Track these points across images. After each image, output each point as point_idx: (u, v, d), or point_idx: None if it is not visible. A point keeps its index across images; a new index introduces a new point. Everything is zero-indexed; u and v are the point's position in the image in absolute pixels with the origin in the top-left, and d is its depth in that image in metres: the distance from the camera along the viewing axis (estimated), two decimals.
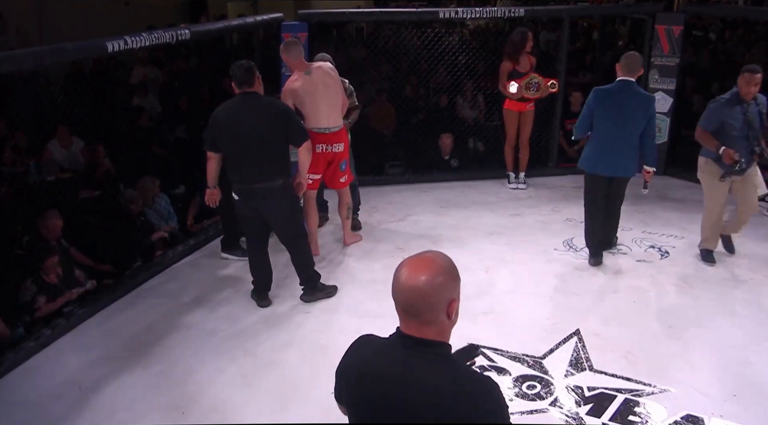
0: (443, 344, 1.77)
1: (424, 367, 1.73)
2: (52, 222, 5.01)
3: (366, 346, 1.94)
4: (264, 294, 4.75)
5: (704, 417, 3.59)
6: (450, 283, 1.76)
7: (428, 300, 1.72)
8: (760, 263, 5.34)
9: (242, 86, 4.33)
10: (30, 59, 4.03)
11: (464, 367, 1.82)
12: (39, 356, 4.18)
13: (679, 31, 7.04)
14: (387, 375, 1.77)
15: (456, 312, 1.78)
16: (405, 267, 1.79)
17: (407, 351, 1.76)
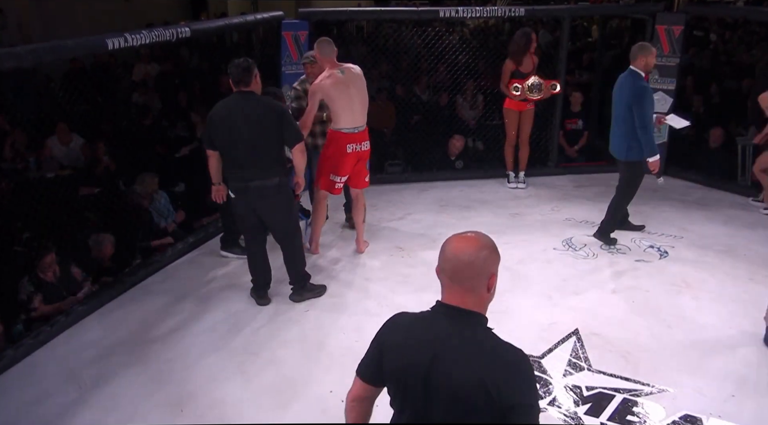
0: (482, 315, 1.95)
1: (464, 334, 1.90)
2: (105, 249, 5.16)
3: (404, 319, 2.08)
4: (263, 292, 4.76)
5: (702, 417, 3.59)
6: (493, 258, 1.97)
7: (474, 268, 1.92)
8: (760, 263, 5.34)
9: (239, 85, 4.33)
10: (30, 56, 4.02)
11: (500, 339, 1.94)
12: (38, 353, 4.18)
13: (680, 31, 7.04)
14: (428, 341, 1.92)
15: (494, 289, 1.97)
16: (454, 240, 2.00)
17: (448, 319, 1.93)
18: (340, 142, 5.02)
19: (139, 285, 5.04)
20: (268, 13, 6.49)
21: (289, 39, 6.41)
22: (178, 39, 5.12)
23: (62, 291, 4.72)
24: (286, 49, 6.40)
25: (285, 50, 6.40)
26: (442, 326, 1.94)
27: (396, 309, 4.73)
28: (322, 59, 5.02)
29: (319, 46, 5.03)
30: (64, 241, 5.11)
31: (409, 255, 5.48)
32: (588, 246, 5.63)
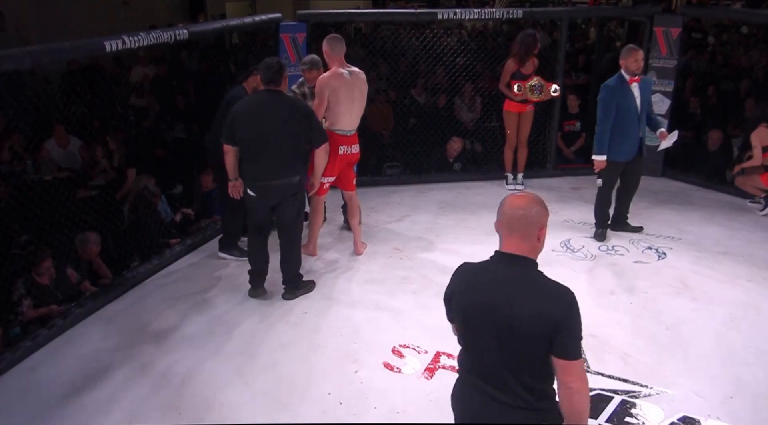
0: (534, 260, 2.31)
1: (521, 276, 2.28)
2: (90, 248, 5.12)
3: (468, 267, 2.43)
4: (259, 283, 4.82)
5: (701, 418, 3.59)
6: (543, 212, 2.32)
7: (528, 218, 2.28)
8: (758, 264, 5.35)
9: (269, 84, 4.44)
10: (28, 58, 4.02)
11: (551, 279, 2.30)
12: (36, 355, 4.16)
13: (677, 33, 7.06)
14: (491, 284, 2.29)
15: (543, 240, 2.32)
16: (511, 197, 2.37)
17: (506, 265, 2.30)
18: (334, 143, 5.03)
19: (137, 287, 5.03)
20: (266, 15, 6.48)
21: (287, 41, 6.41)
22: (176, 41, 5.12)
23: (57, 294, 4.71)
24: (284, 51, 6.40)
25: (283, 52, 6.40)
26: (502, 270, 2.30)
27: (394, 311, 4.79)
28: (331, 56, 5.02)
29: (329, 43, 5.02)
30: (61, 244, 5.10)
31: (408, 256, 5.48)
32: (586, 247, 5.64)
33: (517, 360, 2.26)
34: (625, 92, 5.33)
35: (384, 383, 3.89)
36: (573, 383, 2.22)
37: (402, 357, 4.12)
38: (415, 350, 4.19)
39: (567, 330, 2.19)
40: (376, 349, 4.20)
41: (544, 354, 2.23)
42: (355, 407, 3.68)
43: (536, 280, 2.28)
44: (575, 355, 2.22)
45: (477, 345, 2.35)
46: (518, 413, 2.29)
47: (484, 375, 2.34)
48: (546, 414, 2.31)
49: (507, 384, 2.28)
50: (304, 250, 5.37)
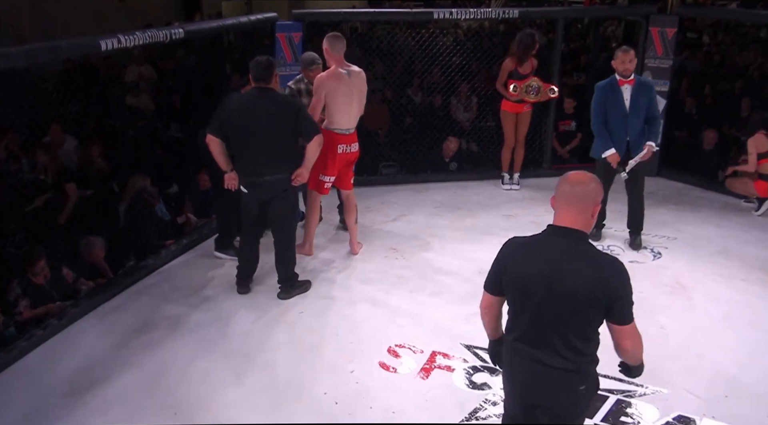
0: (586, 234, 2.48)
1: (576, 248, 2.45)
2: (96, 252, 5.14)
3: (521, 240, 2.63)
4: (244, 282, 4.87)
5: (696, 417, 3.61)
6: (600, 190, 2.51)
7: (587, 193, 2.47)
8: (753, 264, 5.37)
9: (259, 82, 4.47)
10: (24, 57, 4.02)
11: (602, 251, 2.50)
12: (31, 356, 4.16)
13: (673, 33, 7.07)
14: (547, 255, 2.46)
15: (595, 216, 2.50)
16: (572, 173, 2.54)
17: (560, 237, 2.48)
18: (332, 142, 5.03)
19: (132, 287, 5.02)
20: (262, 14, 6.48)
21: (283, 40, 6.41)
22: (171, 40, 5.11)
23: (53, 293, 4.70)
24: (280, 51, 6.40)
25: (279, 51, 6.40)
26: (556, 242, 2.48)
27: (390, 311, 4.80)
28: (331, 55, 5.00)
29: (330, 41, 5.01)
30: (56, 243, 5.09)
31: (404, 256, 5.48)
32: None
33: (569, 327, 2.45)
34: (615, 93, 5.33)
35: (380, 382, 3.89)
36: (628, 344, 2.48)
37: (398, 357, 4.12)
38: (410, 350, 4.19)
39: (623, 298, 2.41)
40: (372, 349, 4.20)
41: (596, 320, 2.45)
42: (351, 406, 3.68)
43: (590, 252, 2.46)
44: (629, 320, 2.45)
45: (530, 313, 2.50)
46: (564, 375, 2.49)
47: (534, 341, 2.52)
48: (590, 377, 2.55)
49: (557, 349, 2.47)
50: (300, 250, 5.37)
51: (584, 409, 2.64)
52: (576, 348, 2.47)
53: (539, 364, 2.51)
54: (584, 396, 2.57)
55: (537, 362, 2.51)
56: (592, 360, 2.54)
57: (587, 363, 2.52)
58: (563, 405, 2.57)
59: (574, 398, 2.55)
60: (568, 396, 2.54)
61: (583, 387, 2.53)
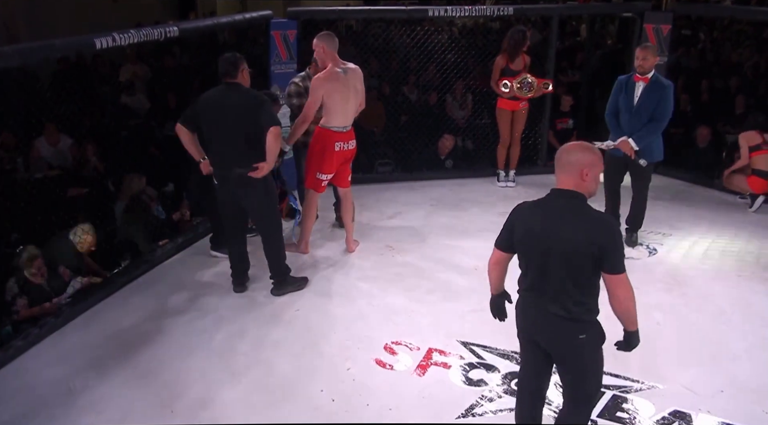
0: (583, 195, 2.79)
1: (572, 208, 2.76)
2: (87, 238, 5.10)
3: (528, 203, 2.93)
4: (240, 280, 4.89)
5: (692, 412, 3.62)
6: (585, 157, 2.78)
7: (574, 159, 2.78)
8: (748, 260, 5.38)
9: (225, 77, 4.53)
10: (17, 56, 4.00)
11: (597, 210, 2.82)
12: (27, 354, 4.15)
13: (668, 30, 7.07)
14: (546, 214, 2.79)
15: (589, 180, 2.77)
16: (567, 144, 2.89)
17: (560, 198, 2.80)
18: (329, 139, 5.03)
19: (128, 286, 5.01)
20: (257, 13, 6.46)
21: (278, 38, 6.39)
22: (166, 38, 5.11)
23: (50, 292, 4.69)
24: (275, 49, 6.38)
25: (274, 49, 6.38)
26: (555, 202, 2.80)
27: (387, 308, 4.80)
28: (326, 53, 4.99)
29: (324, 40, 5.00)
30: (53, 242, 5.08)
31: (400, 254, 5.48)
32: None
33: (568, 278, 2.75)
34: (629, 88, 5.36)
35: (376, 380, 3.90)
36: (620, 292, 2.75)
37: (394, 354, 4.13)
38: (407, 347, 4.20)
39: (612, 250, 2.70)
40: (369, 346, 4.20)
41: (591, 272, 2.74)
42: (348, 404, 3.69)
43: (584, 210, 2.76)
44: (620, 270, 2.74)
45: (535, 266, 2.83)
46: (569, 324, 2.79)
47: (540, 292, 2.84)
48: (591, 327, 2.82)
49: (559, 298, 2.78)
50: (296, 248, 5.37)
51: (591, 359, 2.88)
52: (574, 298, 2.76)
53: (543, 311, 2.84)
54: (586, 345, 2.83)
55: (541, 309, 2.84)
56: (590, 309, 2.81)
57: (586, 312, 2.80)
58: (565, 351, 2.87)
59: (575, 344, 2.83)
60: (568, 342, 2.83)
61: (583, 336, 2.80)
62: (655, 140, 5.39)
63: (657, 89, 5.31)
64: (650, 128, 5.31)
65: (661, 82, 5.38)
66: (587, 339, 2.82)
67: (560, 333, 2.84)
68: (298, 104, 5.34)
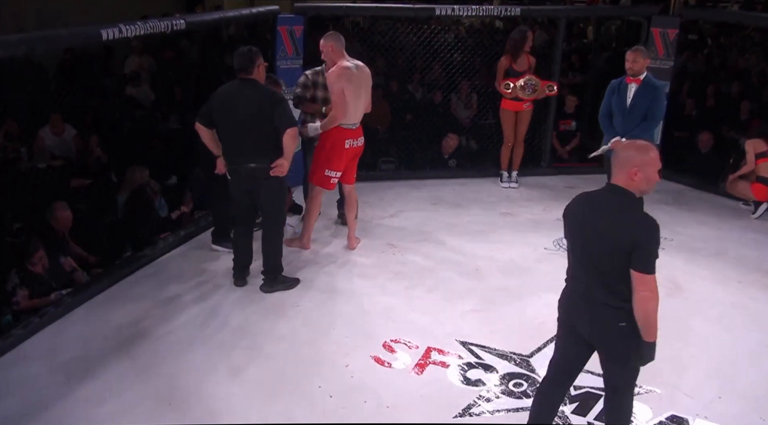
0: (630, 192, 2.87)
1: (618, 203, 2.88)
2: (61, 214, 5.05)
3: (582, 194, 3.10)
4: (241, 274, 4.89)
5: (689, 418, 3.62)
6: (637, 158, 2.86)
7: (621, 158, 2.90)
8: (749, 266, 5.38)
9: (240, 72, 4.52)
10: (23, 45, 4.00)
11: (641, 209, 2.90)
12: (26, 344, 4.15)
13: (674, 34, 7.07)
14: (593, 207, 2.96)
15: (638, 180, 2.85)
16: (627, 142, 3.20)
17: (610, 193, 2.92)
18: (340, 136, 5.03)
19: (129, 278, 5.01)
20: (264, 7, 6.46)
21: (284, 33, 6.40)
22: (172, 31, 5.11)
23: (51, 282, 4.69)
24: (281, 44, 6.39)
25: (280, 45, 6.38)
26: (604, 196, 2.94)
27: (386, 306, 4.80)
28: (335, 52, 5.00)
29: (331, 39, 5.02)
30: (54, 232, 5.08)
31: (401, 252, 5.49)
32: None
33: (609, 269, 2.85)
34: (622, 90, 5.45)
35: (374, 377, 3.90)
36: (644, 292, 2.80)
37: (393, 352, 4.13)
38: (406, 345, 4.20)
39: (642, 248, 2.76)
40: (367, 344, 4.21)
41: (625, 265, 2.80)
42: (345, 400, 3.69)
43: (628, 207, 2.86)
44: (648, 270, 2.79)
45: (579, 255, 2.99)
46: (610, 311, 2.89)
47: (583, 280, 2.97)
48: (631, 315, 2.86)
49: (600, 287, 2.89)
50: (297, 243, 5.37)
51: (628, 349, 2.92)
52: (615, 289, 2.86)
53: (585, 299, 2.96)
54: (626, 333, 2.88)
55: (584, 297, 2.96)
56: (629, 299, 2.85)
57: (625, 302, 2.86)
58: (605, 339, 2.96)
59: (615, 332, 2.90)
60: (609, 329, 2.91)
61: (624, 324, 2.87)
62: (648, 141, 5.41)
63: (649, 90, 5.40)
64: (642, 128, 5.40)
65: (653, 82, 5.48)
66: (627, 327, 2.88)
67: (601, 320, 2.93)
68: (300, 94, 5.37)
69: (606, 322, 2.91)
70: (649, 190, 2.92)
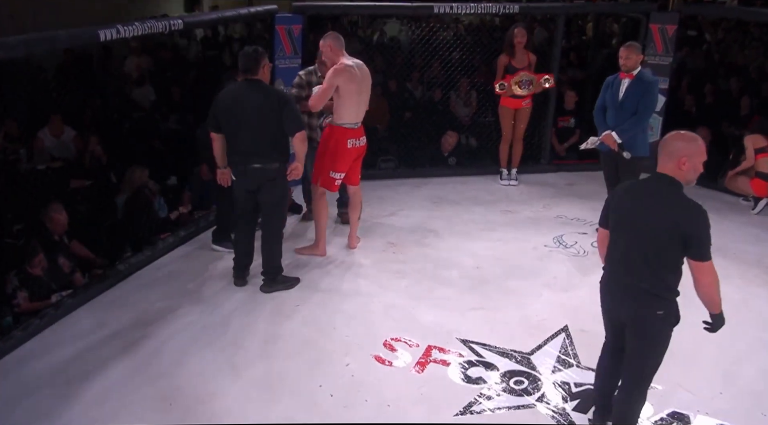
0: (679, 182, 2.97)
1: (666, 192, 2.98)
2: (56, 216, 5.05)
3: (629, 183, 3.29)
4: (241, 274, 4.89)
5: (690, 414, 3.62)
6: (686, 147, 2.97)
7: (669, 147, 2.99)
8: (749, 262, 5.37)
9: (246, 73, 4.52)
10: (22, 46, 3.99)
11: (688, 197, 2.97)
12: (27, 345, 4.14)
13: (673, 30, 7.06)
14: (641, 195, 3.07)
15: (686, 169, 2.97)
16: (673, 132, 3.07)
17: (657, 183, 3.02)
18: (342, 136, 5.01)
19: (129, 279, 5.01)
20: (262, 7, 6.45)
21: (282, 33, 6.39)
22: (170, 31, 5.10)
23: (50, 284, 4.69)
24: (279, 43, 6.38)
25: (278, 44, 6.38)
26: (652, 185, 3.04)
27: (387, 305, 4.80)
28: (334, 51, 4.97)
29: (330, 39, 4.99)
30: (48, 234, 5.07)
31: (401, 251, 5.48)
32: (579, 243, 5.65)
33: (652, 256, 2.96)
34: (615, 85, 5.51)
35: (375, 376, 3.90)
36: (704, 279, 2.95)
37: (393, 351, 4.13)
38: (406, 344, 4.20)
39: (698, 238, 2.89)
40: (368, 342, 4.21)
41: (674, 254, 2.93)
42: (346, 399, 3.69)
43: (676, 195, 2.95)
44: (705, 258, 2.92)
45: (623, 242, 3.07)
46: (649, 298, 3.00)
47: (626, 267, 3.05)
48: (669, 305, 3.03)
49: (642, 274, 2.99)
50: (311, 250, 5.33)
51: (662, 337, 3.09)
52: (661, 278, 2.97)
53: (626, 285, 3.05)
54: (662, 321, 3.03)
55: (625, 283, 3.06)
56: (670, 288, 3.00)
57: (666, 290, 3.00)
58: (640, 324, 3.06)
59: (651, 319, 3.02)
60: (646, 315, 3.02)
61: (662, 312, 3.00)
62: (640, 135, 5.50)
63: (641, 84, 5.44)
64: (633, 121, 5.42)
65: (646, 77, 5.52)
66: (664, 316, 3.02)
67: (640, 305, 3.02)
68: (297, 94, 5.37)
69: (646, 309, 3.02)
70: (694, 180, 3.01)
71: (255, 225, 4.87)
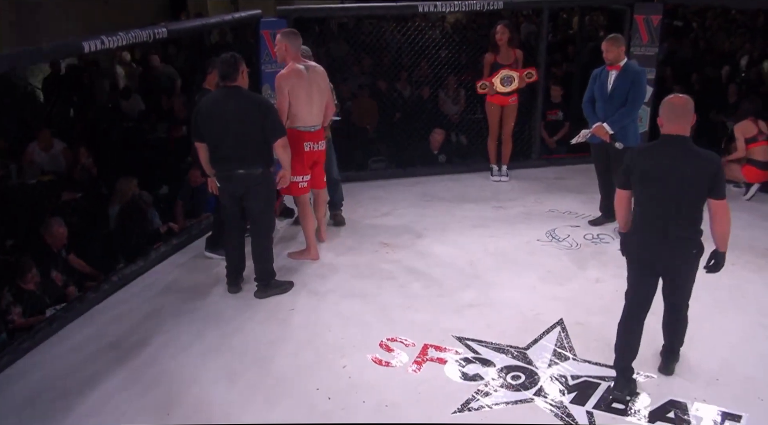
0: (689, 138, 3.41)
1: (684, 148, 3.40)
2: (56, 230, 5.06)
3: (641, 146, 3.82)
4: (234, 281, 4.88)
5: (687, 402, 3.63)
6: (692, 108, 3.42)
7: (687, 106, 3.43)
8: (742, 249, 5.37)
9: (225, 80, 4.51)
10: (5, 62, 3.99)
11: (703, 149, 3.42)
12: (23, 360, 4.13)
13: (658, 20, 7.07)
14: (663, 153, 3.44)
15: (693, 125, 3.46)
16: (673, 96, 3.48)
17: (670, 142, 3.42)
18: (298, 140, 4.99)
19: (123, 289, 5.00)
20: (246, 12, 6.45)
21: (267, 37, 6.38)
22: (155, 40, 5.09)
23: (44, 298, 4.68)
24: (264, 48, 6.37)
25: (264, 49, 6.37)
26: (669, 144, 3.42)
27: (382, 305, 4.80)
28: (288, 52, 4.98)
29: (287, 38, 4.98)
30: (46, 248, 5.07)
31: (394, 250, 5.49)
32: (571, 236, 5.67)
33: (683, 206, 3.39)
34: (603, 77, 5.54)
35: (372, 377, 3.90)
36: (724, 215, 3.44)
37: (390, 351, 4.13)
38: (402, 343, 4.20)
39: (719, 179, 3.37)
40: (364, 343, 4.21)
41: (700, 199, 3.38)
42: (344, 401, 3.69)
43: (693, 149, 3.39)
44: (723, 195, 3.40)
45: (654, 197, 3.43)
46: (686, 242, 3.46)
47: (661, 219, 3.42)
48: (699, 243, 3.48)
49: (678, 223, 3.41)
50: (305, 256, 5.32)
51: (694, 270, 3.56)
52: (689, 220, 3.41)
53: (664, 236, 3.43)
54: (695, 258, 3.50)
55: (662, 235, 3.43)
56: (698, 229, 3.45)
57: (696, 233, 3.45)
58: (679, 266, 3.51)
59: (690, 259, 3.50)
60: (685, 258, 3.49)
61: (695, 251, 3.47)
62: (631, 125, 5.53)
63: (628, 75, 5.48)
64: (623, 112, 5.46)
65: (633, 68, 5.56)
66: (696, 253, 3.48)
67: (679, 251, 3.46)
68: None
69: (683, 252, 3.46)
70: None
71: (244, 232, 4.87)
